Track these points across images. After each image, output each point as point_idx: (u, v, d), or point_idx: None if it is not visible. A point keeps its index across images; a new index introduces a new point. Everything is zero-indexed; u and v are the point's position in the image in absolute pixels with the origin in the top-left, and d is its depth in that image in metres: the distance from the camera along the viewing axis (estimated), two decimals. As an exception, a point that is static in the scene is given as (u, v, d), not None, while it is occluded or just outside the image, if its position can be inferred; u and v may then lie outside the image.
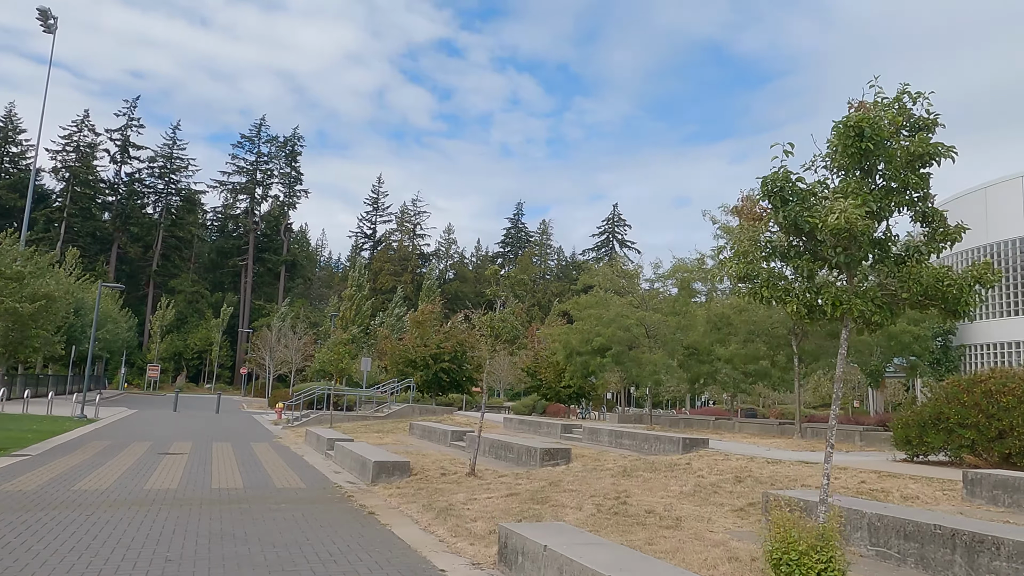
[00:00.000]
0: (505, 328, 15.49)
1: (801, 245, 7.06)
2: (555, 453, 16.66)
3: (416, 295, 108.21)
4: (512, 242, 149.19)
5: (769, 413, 55.23)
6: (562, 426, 23.92)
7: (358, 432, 27.44)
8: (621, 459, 17.24)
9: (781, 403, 67.00)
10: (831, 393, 66.81)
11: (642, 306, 28.79)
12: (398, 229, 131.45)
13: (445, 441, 22.58)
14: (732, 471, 14.44)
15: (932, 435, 15.19)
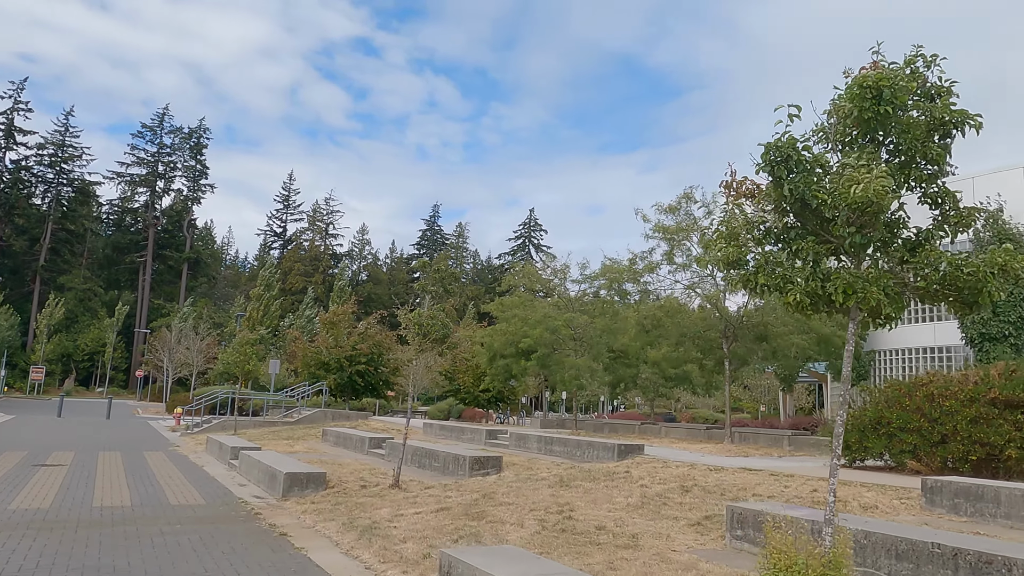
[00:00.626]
0: (435, 326, 14.20)
1: (802, 225, 6.12)
2: (485, 462, 15.46)
3: (327, 296, 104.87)
4: (428, 244, 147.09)
5: (681, 417, 55.69)
6: (486, 431, 22.75)
7: (266, 439, 25.47)
8: (554, 467, 16.21)
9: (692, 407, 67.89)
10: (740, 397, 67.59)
11: (568, 308, 28.03)
12: (310, 228, 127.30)
13: (362, 449, 21.03)
14: (675, 479, 13.61)
15: (873, 440, 14.82)
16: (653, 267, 22.32)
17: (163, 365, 64.88)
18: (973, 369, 14.99)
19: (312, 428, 30.05)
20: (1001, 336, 29.69)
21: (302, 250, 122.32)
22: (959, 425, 13.44)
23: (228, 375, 44.40)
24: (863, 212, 5.50)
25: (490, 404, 42.64)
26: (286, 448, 21.99)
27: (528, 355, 27.10)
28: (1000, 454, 12.94)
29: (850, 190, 5.36)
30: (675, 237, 21.24)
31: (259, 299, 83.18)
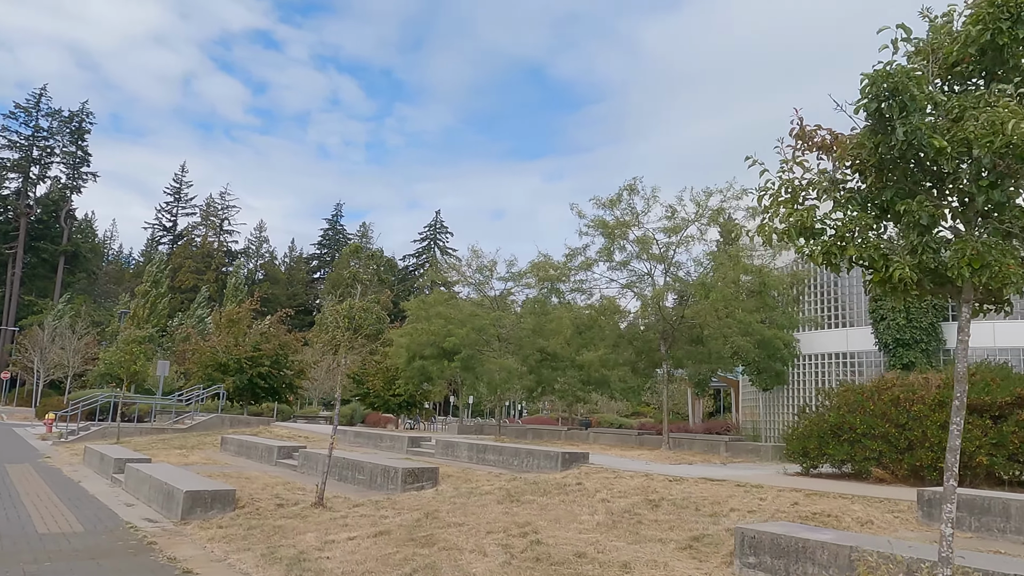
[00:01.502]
0: (368, 319, 12.37)
1: (907, 181, 4.81)
2: (419, 474, 13.70)
3: (221, 295, 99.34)
4: (330, 244, 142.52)
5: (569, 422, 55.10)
6: (408, 439, 20.88)
7: (155, 448, 22.66)
8: (495, 479, 14.63)
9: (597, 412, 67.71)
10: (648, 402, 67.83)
11: (493, 306, 26.49)
12: (203, 223, 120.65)
13: (270, 459, 18.78)
14: (636, 492, 12.30)
15: (834, 446, 14.03)
16: (590, 264, 21.21)
17: (33, 366, 59.07)
18: (933, 372, 14.44)
19: (208, 435, 27.24)
20: (913, 341, 30.28)
21: (194, 246, 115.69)
22: (928, 431, 12.77)
23: (111, 377, 40.41)
24: (1006, 159, 4.23)
25: (402, 408, 40.56)
26: (180, 459, 19.43)
27: (451, 356, 25.38)
28: (971, 461, 12.32)
29: (999, 129, 4.08)
30: (615, 232, 20.14)
31: (145, 296, 77.54)
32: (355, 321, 12.39)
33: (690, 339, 21.00)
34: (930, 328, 30.52)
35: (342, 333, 12.57)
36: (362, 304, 12.52)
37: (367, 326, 12.44)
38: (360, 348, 12.57)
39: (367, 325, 12.44)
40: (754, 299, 18.97)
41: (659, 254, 20.24)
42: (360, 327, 12.41)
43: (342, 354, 12.65)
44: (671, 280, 20.40)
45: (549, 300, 24.51)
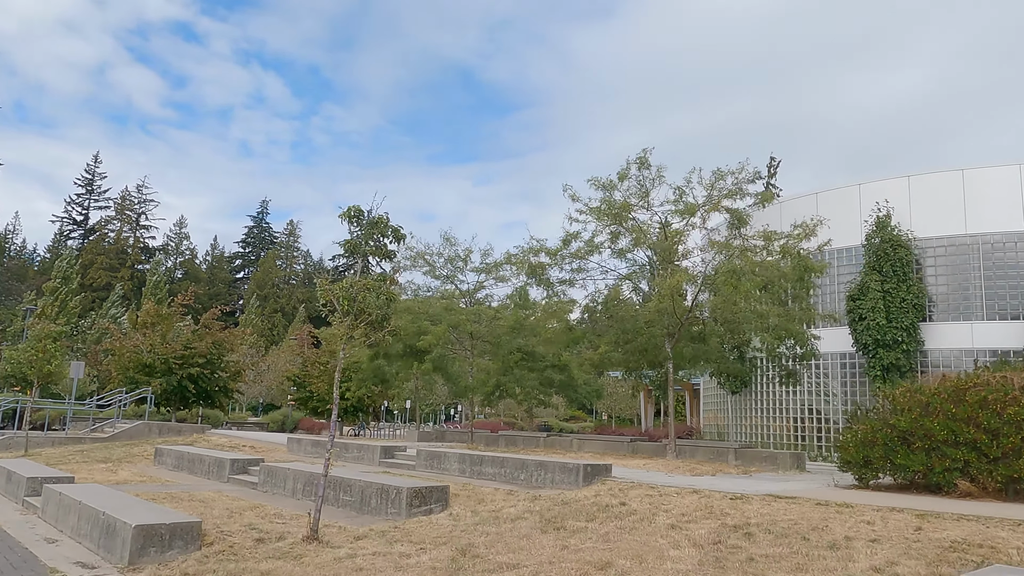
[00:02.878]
0: (372, 301, 9.76)
1: None
2: (426, 494, 11.12)
3: (138, 294, 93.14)
4: (255, 242, 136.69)
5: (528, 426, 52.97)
6: (381, 448, 18.10)
7: (74, 462, 19.22)
8: (510, 497, 12.17)
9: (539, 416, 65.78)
10: (597, 406, 66.12)
11: (467, 301, 23.89)
12: (117, 217, 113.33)
13: (220, 475, 15.78)
14: (703, 515, 10.07)
15: (904, 455, 12.14)
16: (592, 249, 18.89)
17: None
18: (1013, 370, 12.74)
19: (135, 446, 23.71)
20: (894, 342, 29.28)
21: (107, 241, 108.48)
22: (1029, 437, 10.99)
23: (15, 379, 35.88)
24: None
25: (348, 414, 37.44)
26: (107, 475, 16.19)
27: (422, 356, 22.67)
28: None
29: None
30: (621, 214, 17.92)
31: (54, 293, 71.40)
32: (356, 304, 9.74)
33: (691, 336, 19.04)
34: (911, 328, 29.61)
35: (339, 319, 9.90)
36: (365, 282, 9.88)
37: (372, 311, 9.81)
38: (360, 339, 9.95)
39: (372, 309, 9.82)
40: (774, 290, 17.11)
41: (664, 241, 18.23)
42: (363, 311, 9.78)
43: (339, 345, 9.97)
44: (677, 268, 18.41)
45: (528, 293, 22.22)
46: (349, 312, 9.76)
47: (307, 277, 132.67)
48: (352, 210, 10.24)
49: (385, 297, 9.83)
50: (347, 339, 9.86)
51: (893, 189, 31.93)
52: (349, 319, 9.72)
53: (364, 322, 9.82)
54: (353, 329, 9.76)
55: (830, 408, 32.48)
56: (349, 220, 10.29)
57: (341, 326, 9.77)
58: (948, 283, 31.13)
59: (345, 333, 9.79)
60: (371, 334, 9.99)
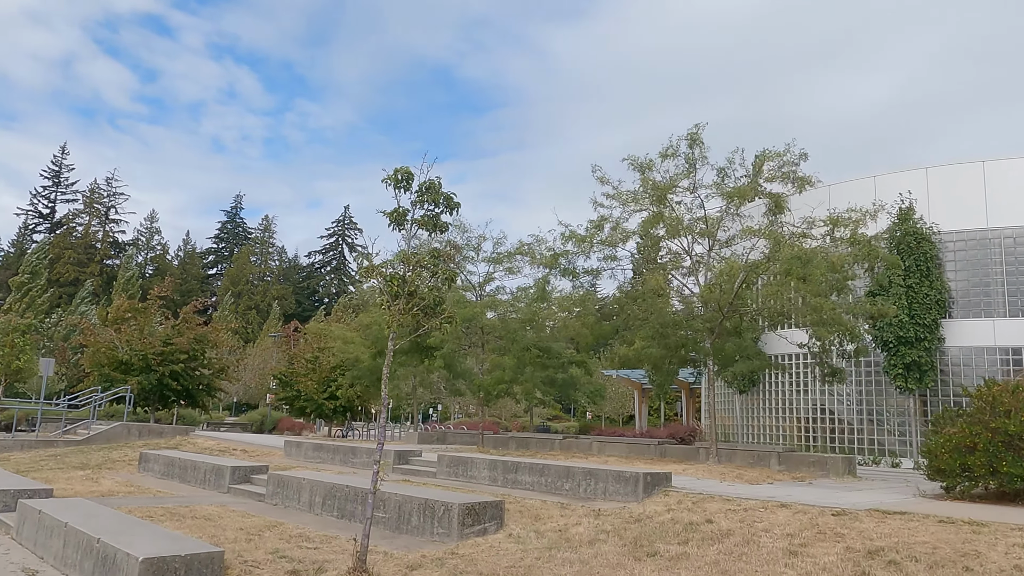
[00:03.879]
0: (426, 285, 8.11)
1: None
2: (480, 512, 9.46)
3: (107, 290, 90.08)
4: (228, 238, 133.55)
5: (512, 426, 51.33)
6: (395, 453, 16.35)
7: (48, 468, 17.25)
8: (567, 511, 10.55)
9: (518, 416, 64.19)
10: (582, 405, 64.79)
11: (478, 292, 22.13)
12: (86, 211, 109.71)
13: (220, 484, 13.96)
14: (815, 535, 8.55)
15: (1013, 463, 10.73)
16: (629, 235, 17.28)
17: None
18: None
19: (113, 449, 21.70)
20: (916, 340, 28.12)
21: (75, 235, 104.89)
22: None
23: (-21, 377, 33.41)
24: None
25: (337, 414, 35.50)
26: (88, 485, 14.28)
27: (431, 352, 20.91)
28: None
29: None
30: (664, 196, 16.34)
31: (21, 289, 68.36)
32: (408, 285, 8.06)
33: (726, 331, 17.57)
34: (933, 325, 28.46)
35: (386, 303, 8.20)
36: (419, 258, 8.21)
37: (426, 294, 8.14)
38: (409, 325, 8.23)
39: (426, 293, 8.15)
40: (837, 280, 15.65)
41: (706, 228, 16.71)
42: (414, 293, 8.10)
43: (389, 334, 8.27)
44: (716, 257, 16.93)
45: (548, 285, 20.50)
46: (399, 295, 8.08)
47: (282, 274, 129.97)
48: (400, 173, 8.53)
49: (442, 276, 8.17)
50: (396, 327, 8.16)
51: (910, 181, 30.76)
52: (400, 303, 8.04)
53: (416, 307, 8.14)
54: (404, 315, 8.07)
55: (844, 408, 31.33)
56: (395, 185, 8.58)
57: (389, 311, 8.07)
58: (968, 278, 30.05)
59: (393, 320, 8.09)
60: (423, 321, 8.31)
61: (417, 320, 8.28)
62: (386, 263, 8.34)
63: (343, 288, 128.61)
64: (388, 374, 8.37)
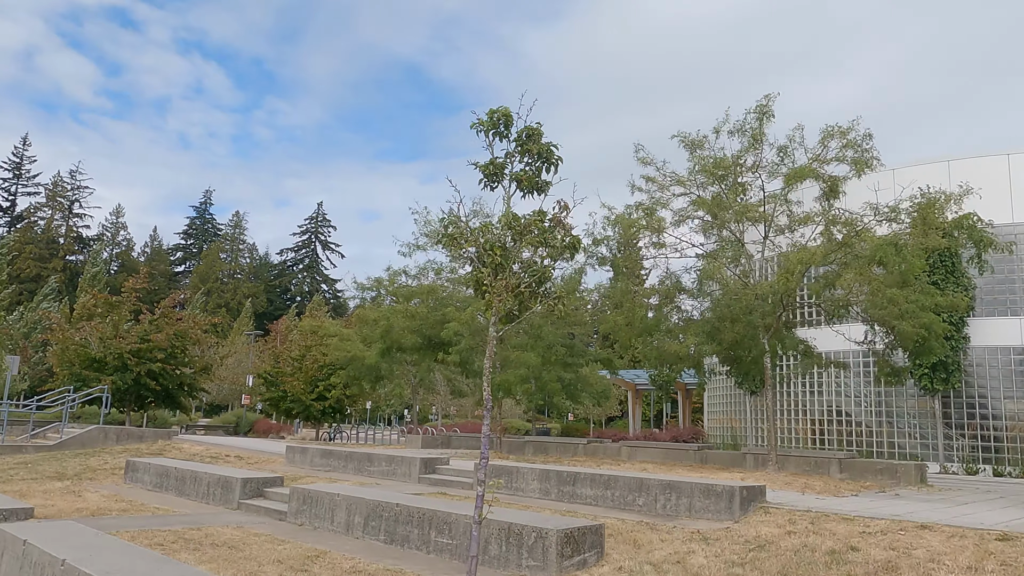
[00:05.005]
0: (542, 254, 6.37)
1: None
2: (579, 539, 7.70)
3: (71, 287, 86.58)
4: (197, 234, 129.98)
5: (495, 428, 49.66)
6: (421, 461, 14.49)
7: (19, 479, 15.10)
8: (662, 534, 8.85)
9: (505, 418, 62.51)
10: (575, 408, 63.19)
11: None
12: (48, 204, 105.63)
13: (227, 499, 12.00)
14: (999, 569, 6.97)
15: None
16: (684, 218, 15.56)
17: None
18: None
19: (90, 456, 19.50)
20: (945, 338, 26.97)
21: (37, 230, 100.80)
22: None
23: (-65, 377, 30.73)
24: None
25: (325, 415, 33.43)
26: (71, 501, 12.21)
27: (445, 348, 19.05)
28: None
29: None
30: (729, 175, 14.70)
31: (-21, 283, 64.94)
32: (514, 256, 6.31)
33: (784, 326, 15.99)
34: (959, 323, 27.30)
35: (486, 277, 6.41)
36: (527, 220, 6.44)
37: (539, 268, 6.39)
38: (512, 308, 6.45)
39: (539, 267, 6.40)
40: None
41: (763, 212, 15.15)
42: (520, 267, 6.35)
43: (491, 314, 6.48)
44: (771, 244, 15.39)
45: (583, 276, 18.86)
46: (502, 268, 6.31)
47: (253, 272, 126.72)
48: (497, 115, 6.76)
49: (561, 244, 6.41)
50: (502, 309, 6.37)
51: (931, 174, 29.60)
52: (502, 280, 6.26)
53: (525, 283, 6.37)
54: (510, 292, 6.29)
55: (861, 410, 30.13)
56: (490, 131, 6.81)
57: (491, 289, 6.29)
58: (993, 276, 28.93)
59: (496, 300, 6.30)
60: (529, 302, 6.54)
61: (520, 301, 6.51)
62: (484, 227, 6.54)
63: (316, 287, 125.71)
64: (490, 368, 6.56)
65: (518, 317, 6.63)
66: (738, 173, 15.33)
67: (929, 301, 14.68)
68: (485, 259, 6.38)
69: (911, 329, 13.76)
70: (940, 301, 15.17)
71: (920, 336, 13.91)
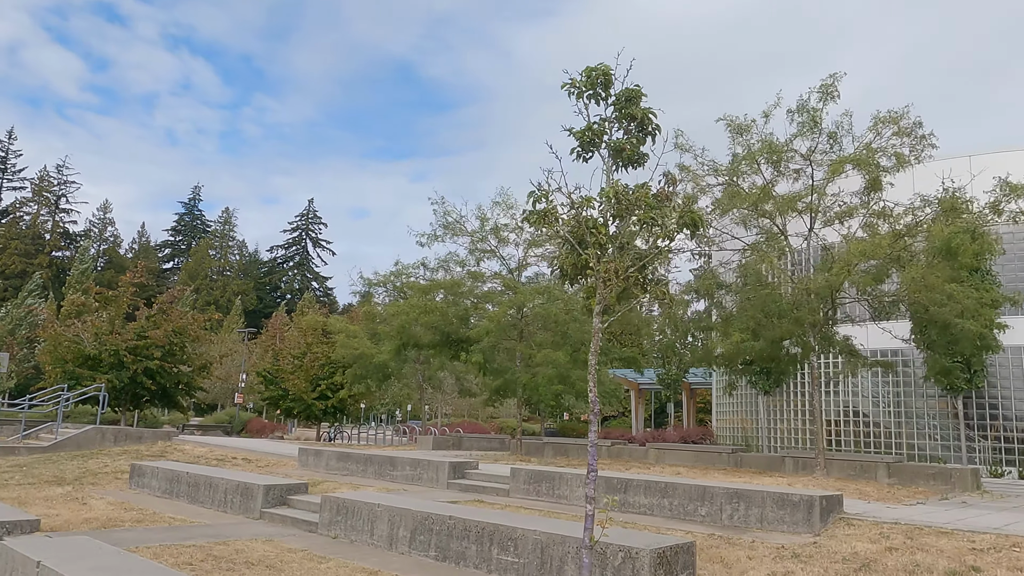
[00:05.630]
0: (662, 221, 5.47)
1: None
2: (672, 559, 6.82)
3: (56, 283, 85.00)
4: (186, 230, 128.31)
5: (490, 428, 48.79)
6: (450, 466, 13.55)
7: (16, 484, 14.07)
8: (754, 552, 7.98)
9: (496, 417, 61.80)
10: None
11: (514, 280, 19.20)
12: (34, 199, 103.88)
13: (248, 508, 11.03)
14: None
15: None
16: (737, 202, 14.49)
17: None
18: None
19: (89, 458, 18.44)
20: (969, 339, 26.26)
21: (22, 225, 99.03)
22: None
23: (-80, 374, 29.55)
24: None
25: (327, 415, 32.38)
26: (76, 509, 11.21)
27: (466, 346, 18.09)
28: None
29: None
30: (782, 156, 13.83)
31: (-37, 278, 63.31)
32: (621, 234, 5.41)
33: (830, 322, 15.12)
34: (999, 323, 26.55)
35: (592, 258, 5.50)
36: (637, 192, 5.54)
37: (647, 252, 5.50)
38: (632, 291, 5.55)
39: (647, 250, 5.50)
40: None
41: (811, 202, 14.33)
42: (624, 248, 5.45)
43: (595, 302, 5.56)
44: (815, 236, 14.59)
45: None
46: (606, 247, 5.41)
47: (243, 269, 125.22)
48: (595, 74, 5.85)
49: (675, 221, 5.52)
50: (614, 288, 5.46)
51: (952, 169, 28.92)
52: (613, 266, 5.36)
53: (634, 266, 5.47)
54: (620, 276, 5.39)
55: (880, 411, 29.42)
56: (586, 92, 5.90)
57: (598, 271, 5.38)
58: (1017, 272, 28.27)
59: (604, 283, 5.39)
60: (635, 290, 5.64)
61: (624, 288, 5.60)
62: (587, 200, 5.63)
63: (307, 284, 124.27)
64: (595, 364, 5.65)
65: (621, 305, 5.73)
66: (790, 159, 14.50)
67: (987, 296, 13.92)
68: (588, 238, 5.47)
69: (974, 327, 12.99)
70: (996, 296, 14.43)
71: (980, 334, 13.14)
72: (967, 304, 13.19)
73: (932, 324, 14.33)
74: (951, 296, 13.08)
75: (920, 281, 12.74)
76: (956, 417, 27.61)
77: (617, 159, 5.99)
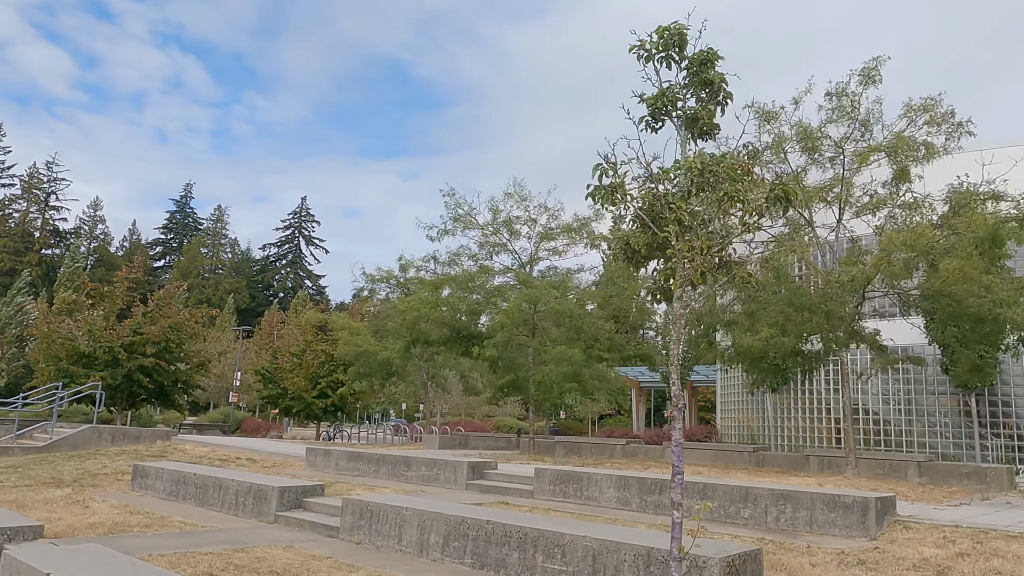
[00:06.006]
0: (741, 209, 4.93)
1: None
2: (740, 568, 6.30)
3: (46, 281, 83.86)
4: (178, 228, 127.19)
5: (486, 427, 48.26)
6: (468, 466, 12.98)
7: (12, 486, 13.41)
8: (814, 559, 7.46)
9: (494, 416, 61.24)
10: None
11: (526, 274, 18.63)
12: (23, 196, 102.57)
13: (261, 512, 10.43)
14: None
15: None
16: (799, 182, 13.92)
17: None
18: None
19: (86, 458, 17.77)
20: (977, 337, 25.88)
21: (11, 222, 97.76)
22: None
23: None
24: None
25: (327, 413, 31.74)
26: (78, 513, 10.58)
27: (478, 341, 17.53)
28: None
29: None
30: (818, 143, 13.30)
31: (-49, 275, 62.24)
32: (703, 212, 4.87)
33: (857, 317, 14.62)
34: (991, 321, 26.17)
35: (674, 235, 4.95)
36: (728, 162, 4.99)
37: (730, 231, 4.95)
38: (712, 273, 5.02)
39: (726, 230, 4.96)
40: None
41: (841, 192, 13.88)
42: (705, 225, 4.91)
43: (676, 284, 5.02)
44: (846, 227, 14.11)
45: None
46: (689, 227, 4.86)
47: (235, 267, 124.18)
48: (667, 34, 5.29)
49: (772, 192, 4.98)
50: (696, 277, 4.91)
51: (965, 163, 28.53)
52: (699, 244, 4.81)
53: (718, 247, 4.93)
54: (704, 256, 4.84)
55: (890, 408, 29.00)
56: (657, 54, 5.35)
57: (678, 252, 4.84)
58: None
59: (690, 263, 4.84)
60: (716, 274, 5.10)
61: (710, 271, 5.06)
62: (664, 172, 5.08)
63: (300, 282, 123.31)
64: (679, 355, 5.10)
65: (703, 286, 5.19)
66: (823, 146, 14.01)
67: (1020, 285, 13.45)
68: (667, 214, 4.91)
69: (1019, 318, 12.52)
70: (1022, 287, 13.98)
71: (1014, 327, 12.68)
72: (1003, 295, 12.74)
73: (964, 317, 13.87)
74: (988, 288, 12.63)
75: (958, 272, 12.29)
76: (968, 415, 27.23)
77: (691, 129, 5.44)
